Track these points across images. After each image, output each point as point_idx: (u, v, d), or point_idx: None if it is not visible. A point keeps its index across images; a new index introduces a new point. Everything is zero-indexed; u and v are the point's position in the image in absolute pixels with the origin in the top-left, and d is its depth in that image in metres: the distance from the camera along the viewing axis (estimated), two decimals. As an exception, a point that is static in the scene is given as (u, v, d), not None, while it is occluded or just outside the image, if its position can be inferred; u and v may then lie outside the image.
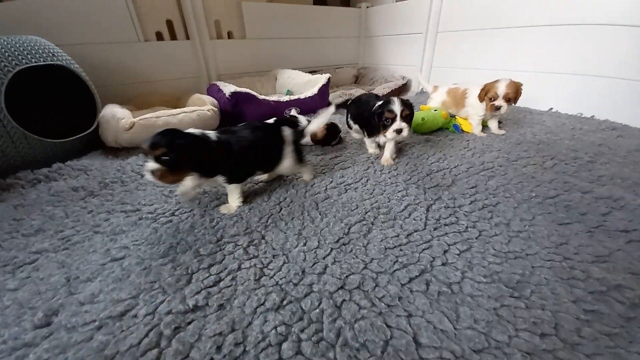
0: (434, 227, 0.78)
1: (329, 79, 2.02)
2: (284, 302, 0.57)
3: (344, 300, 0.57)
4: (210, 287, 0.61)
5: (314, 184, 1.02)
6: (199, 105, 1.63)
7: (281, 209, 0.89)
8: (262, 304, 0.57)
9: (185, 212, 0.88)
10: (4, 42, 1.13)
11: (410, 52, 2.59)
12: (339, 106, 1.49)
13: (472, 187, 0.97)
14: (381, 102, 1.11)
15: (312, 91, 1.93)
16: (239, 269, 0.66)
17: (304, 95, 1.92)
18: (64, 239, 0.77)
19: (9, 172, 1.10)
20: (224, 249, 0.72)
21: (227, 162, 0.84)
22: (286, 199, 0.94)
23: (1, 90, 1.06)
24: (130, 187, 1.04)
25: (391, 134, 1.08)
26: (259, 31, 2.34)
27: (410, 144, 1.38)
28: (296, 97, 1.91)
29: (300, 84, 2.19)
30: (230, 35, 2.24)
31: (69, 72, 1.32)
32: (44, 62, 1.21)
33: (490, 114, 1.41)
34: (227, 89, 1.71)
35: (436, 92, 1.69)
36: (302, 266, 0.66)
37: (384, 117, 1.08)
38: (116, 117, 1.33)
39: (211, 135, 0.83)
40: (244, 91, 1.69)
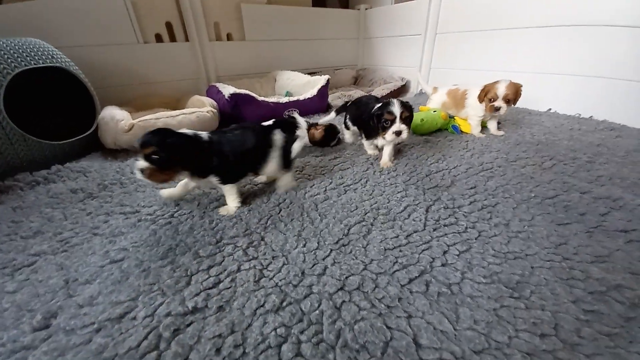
0: (434, 228, 0.78)
1: (328, 80, 2.03)
2: (284, 304, 0.57)
3: (344, 301, 0.57)
4: (209, 288, 0.61)
5: (313, 185, 1.02)
6: (199, 106, 1.64)
7: (280, 210, 0.89)
8: (262, 306, 0.56)
9: (184, 214, 0.88)
10: (3, 44, 1.13)
11: (409, 54, 2.59)
12: (339, 110, 1.49)
13: (471, 188, 0.98)
14: (380, 103, 1.10)
15: (312, 92, 1.94)
16: (239, 270, 0.65)
17: (303, 96, 1.93)
18: (63, 241, 0.77)
19: (8, 174, 1.10)
20: (223, 250, 0.72)
21: (218, 162, 0.84)
22: (285, 200, 0.94)
23: (0, 92, 1.06)
24: (129, 189, 1.04)
25: (390, 136, 1.07)
26: (258, 33, 2.35)
27: (409, 145, 1.38)
28: (295, 98, 1.91)
29: (299, 85, 2.20)
30: (229, 37, 2.25)
31: (68, 74, 1.32)
32: (43, 64, 1.21)
33: (489, 114, 1.41)
34: (227, 90, 1.72)
35: (436, 93, 1.70)
36: (301, 267, 0.66)
37: (383, 118, 1.07)
38: (115, 118, 1.33)
39: (203, 135, 0.83)
40: (243, 92, 1.70)
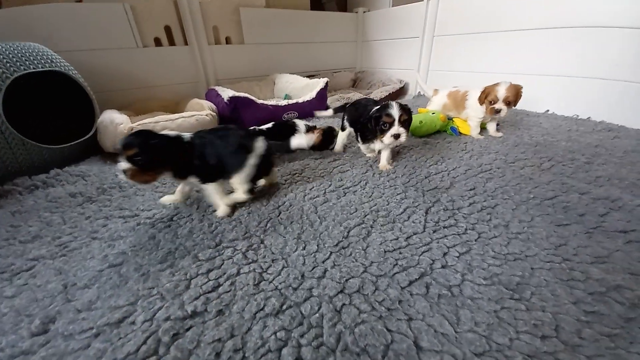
0: (433, 230, 0.78)
1: (327, 83, 2.04)
2: (284, 307, 0.57)
3: (344, 304, 0.57)
4: (209, 292, 0.60)
5: (313, 188, 1.02)
6: (198, 110, 1.64)
7: (280, 213, 0.89)
8: (262, 309, 0.56)
9: (183, 217, 0.88)
10: (2, 48, 1.14)
11: (407, 56, 2.61)
12: (337, 110, 1.50)
13: (471, 189, 0.98)
14: (378, 106, 1.09)
15: (310, 95, 1.95)
16: (238, 273, 0.65)
17: (302, 99, 1.93)
18: (62, 245, 0.77)
19: (7, 179, 1.09)
20: (222, 253, 0.72)
21: (198, 163, 0.84)
22: (285, 203, 0.94)
23: (-1, 96, 1.06)
24: (128, 193, 1.04)
25: (389, 139, 1.05)
26: (257, 36, 2.36)
27: (408, 147, 1.38)
28: (294, 101, 1.92)
29: (298, 88, 2.21)
30: (228, 40, 2.26)
31: (67, 78, 1.32)
32: (42, 68, 1.21)
33: (490, 116, 1.42)
34: (226, 93, 1.72)
35: (437, 95, 1.71)
36: (301, 270, 0.66)
37: (381, 121, 1.05)
38: (115, 122, 1.33)
39: (185, 136, 0.84)
40: (242, 96, 1.70)
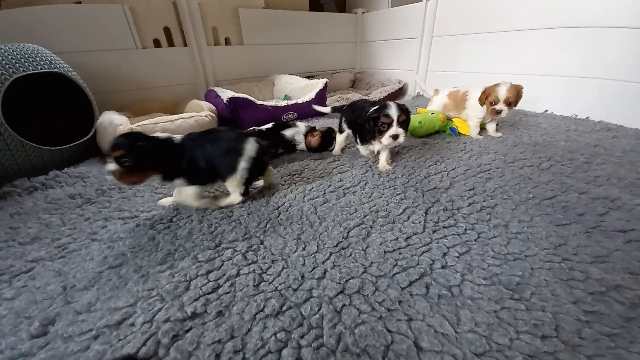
0: (433, 230, 0.78)
1: (326, 84, 2.04)
2: (284, 308, 0.57)
3: (344, 305, 0.57)
4: (208, 293, 0.60)
5: (312, 188, 1.02)
6: (197, 111, 1.64)
7: (280, 214, 0.88)
8: (262, 310, 0.56)
9: (183, 218, 0.87)
10: (1, 50, 1.14)
11: (406, 57, 2.61)
12: (335, 109, 1.50)
13: (470, 190, 0.98)
14: (377, 106, 1.08)
15: (310, 96, 1.95)
16: (238, 275, 0.65)
17: (302, 99, 1.93)
18: (61, 247, 0.77)
19: (6, 180, 1.09)
20: (222, 254, 0.71)
21: (187, 166, 0.84)
22: (285, 204, 0.94)
23: (-2, 98, 1.06)
24: (127, 194, 1.04)
25: (387, 140, 1.05)
26: (256, 37, 2.36)
27: (407, 147, 1.39)
28: (294, 101, 1.92)
29: (297, 89, 2.21)
30: (227, 41, 2.26)
31: (66, 80, 1.32)
32: (42, 69, 1.21)
33: (490, 117, 1.42)
34: (225, 94, 1.72)
35: (437, 95, 1.71)
36: (301, 271, 0.66)
37: (380, 122, 1.04)
38: (114, 123, 1.33)
39: (175, 138, 0.84)
40: (241, 97, 1.70)
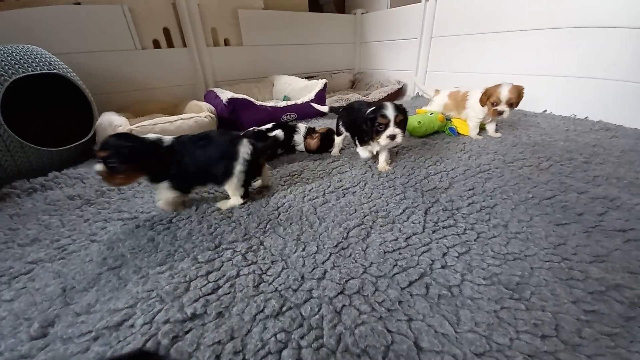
0: (433, 230, 0.78)
1: (326, 85, 2.04)
2: (284, 309, 0.57)
3: (344, 305, 0.57)
4: (208, 294, 0.60)
5: (312, 189, 1.02)
6: (196, 112, 1.64)
7: (279, 214, 0.88)
8: (261, 311, 0.56)
9: (182, 219, 0.87)
10: (0, 51, 1.14)
11: (405, 57, 2.62)
12: (333, 109, 1.50)
13: (470, 190, 0.98)
14: (374, 107, 1.07)
15: (309, 96, 1.95)
16: (238, 275, 0.65)
17: (301, 100, 1.93)
18: (60, 248, 0.77)
19: (5, 182, 1.09)
20: (222, 255, 0.71)
21: (175, 170, 0.84)
22: (284, 204, 0.94)
23: (-3, 99, 1.06)
24: (127, 195, 1.04)
25: (384, 140, 1.04)
26: (256, 38, 2.37)
27: (407, 147, 1.39)
28: (293, 102, 1.92)
29: (297, 89, 2.21)
30: (226, 42, 2.26)
31: (65, 81, 1.32)
32: (41, 70, 1.21)
33: (490, 117, 1.42)
34: (225, 95, 1.72)
35: (438, 95, 1.72)
36: (301, 272, 0.66)
37: (376, 122, 1.03)
38: (113, 124, 1.33)
39: (166, 141, 0.84)
40: (241, 97, 1.70)
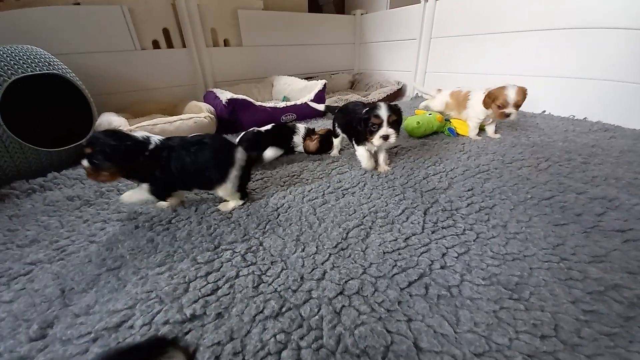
0: (432, 231, 0.78)
1: (325, 85, 2.04)
2: (283, 309, 0.57)
3: (344, 306, 0.57)
4: (207, 295, 0.60)
5: (311, 189, 1.02)
6: (196, 112, 1.64)
7: (279, 215, 0.88)
8: (261, 312, 0.56)
9: (182, 220, 0.87)
10: (0, 51, 1.13)
11: (404, 58, 2.62)
12: (329, 108, 1.50)
13: (469, 190, 0.98)
14: (367, 107, 1.06)
15: (309, 97, 1.95)
16: (237, 276, 0.65)
17: (300, 101, 1.93)
18: (59, 249, 0.77)
19: (4, 183, 1.09)
20: (221, 256, 0.71)
21: (160, 174, 0.83)
22: (284, 205, 0.94)
23: (-4, 100, 1.06)
24: (126, 196, 1.04)
25: (378, 141, 1.03)
26: (255, 38, 2.37)
27: (406, 148, 1.39)
28: (292, 103, 1.92)
29: (296, 90, 2.21)
30: (226, 42, 2.26)
31: (65, 81, 1.32)
32: (40, 71, 1.21)
33: (491, 119, 1.42)
34: (224, 95, 1.73)
35: (440, 94, 1.72)
36: (300, 272, 0.66)
37: (370, 122, 1.03)
38: (112, 125, 1.33)
39: (153, 141, 0.82)
40: (240, 98, 1.71)
